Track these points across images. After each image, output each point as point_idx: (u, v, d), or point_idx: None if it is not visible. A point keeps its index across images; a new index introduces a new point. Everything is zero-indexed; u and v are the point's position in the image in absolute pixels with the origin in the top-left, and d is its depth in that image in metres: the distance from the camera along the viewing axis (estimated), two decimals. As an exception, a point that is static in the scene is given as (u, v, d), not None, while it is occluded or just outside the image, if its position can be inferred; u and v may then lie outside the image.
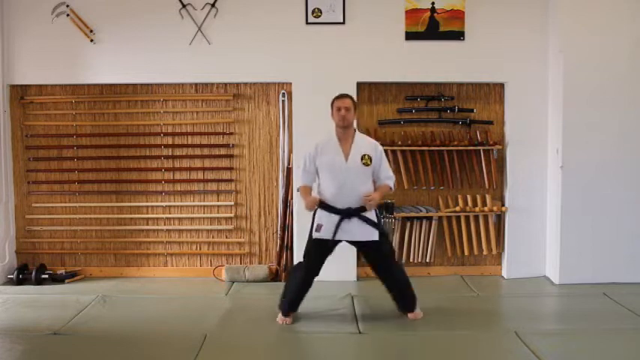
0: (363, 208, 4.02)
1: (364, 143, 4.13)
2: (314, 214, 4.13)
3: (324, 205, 4.06)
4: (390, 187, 4.22)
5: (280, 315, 4.20)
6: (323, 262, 4.16)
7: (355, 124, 4.25)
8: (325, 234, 4.03)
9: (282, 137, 5.27)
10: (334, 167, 4.04)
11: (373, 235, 4.05)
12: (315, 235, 4.09)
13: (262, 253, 5.41)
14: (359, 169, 4.04)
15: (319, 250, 4.11)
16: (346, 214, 4.01)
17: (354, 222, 4.02)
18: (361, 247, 4.16)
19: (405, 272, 4.27)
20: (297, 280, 4.21)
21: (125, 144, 5.33)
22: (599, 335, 3.90)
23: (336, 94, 4.16)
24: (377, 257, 4.18)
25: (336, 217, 4.01)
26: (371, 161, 4.05)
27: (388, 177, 4.17)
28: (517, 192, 5.22)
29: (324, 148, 4.11)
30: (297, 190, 4.35)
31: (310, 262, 4.16)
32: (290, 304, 4.20)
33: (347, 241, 4.10)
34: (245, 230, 5.39)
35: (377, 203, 4.08)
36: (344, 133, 4.10)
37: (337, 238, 4.03)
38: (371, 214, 4.07)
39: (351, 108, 4.08)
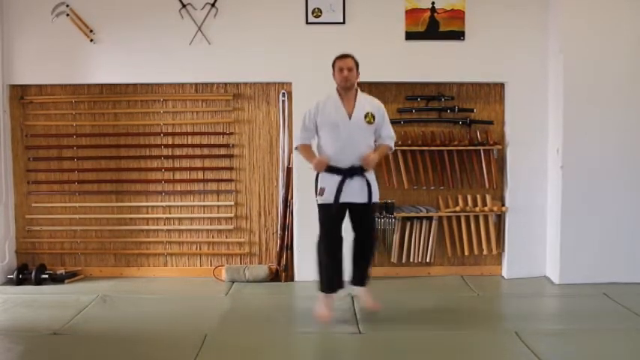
0: (364, 168, 4.02)
1: (367, 102, 4.11)
2: (317, 177, 4.11)
3: (327, 167, 4.03)
4: (390, 147, 4.21)
5: (320, 306, 4.11)
6: (340, 226, 4.10)
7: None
8: (328, 198, 4.01)
9: (282, 137, 5.27)
10: (337, 125, 4.01)
11: (371, 196, 4.04)
12: (319, 200, 4.08)
13: (262, 253, 5.40)
14: (362, 127, 4.01)
15: (329, 214, 4.06)
16: (348, 173, 3.99)
17: (356, 182, 4.01)
18: (353, 206, 4.09)
19: (374, 245, 4.26)
20: (323, 253, 4.11)
21: (125, 144, 5.33)
22: (599, 335, 3.90)
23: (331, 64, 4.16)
24: (362, 217, 4.12)
25: (337, 179, 3.99)
26: (374, 119, 4.04)
27: (389, 136, 4.16)
28: (517, 192, 5.22)
29: (326, 107, 4.08)
30: (296, 149, 4.25)
31: (327, 229, 4.08)
32: (329, 282, 4.11)
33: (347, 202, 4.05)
34: (245, 230, 5.39)
35: (375, 163, 4.06)
36: (346, 93, 4.07)
37: (340, 200, 3.98)
38: (371, 175, 4.06)
39: (354, 68, 4.05)
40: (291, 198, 5.21)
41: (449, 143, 5.19)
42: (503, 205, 5.27)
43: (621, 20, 4.93)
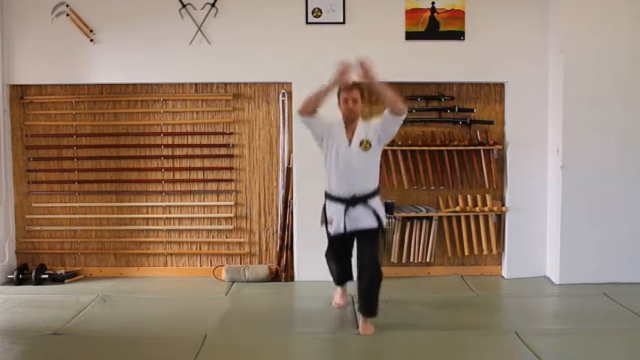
0: (367, 197, 3.97)
1: (367, 127, 4.02)
2: (324, 206, 4.11)
3: (329, 196, 4.04)
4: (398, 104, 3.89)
5: (335, 295, 4.49)
6: (349, 248, 4.28)
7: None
8: (337, 228, 4.00)
9: (282, 137, 5.27)
10: (338, 153, 3.97)
11: (375, 222, 3.98)
12: (329, 230, 4.09)
13: (262, 253, 5.40)
14: (360, 156, 3.96)
15: (336, 242, 4.18)
16: (350, 202, 3.96)
17: (359, 209, 3.97)
18: (359, 233, 4.05)
19: (379, 273, 4.02)
20: (333, 265, 4.41)
21: (125, 144, 5.33)
22: (599, 335, 3.90)
23: (335, 93, 4.10)
24: (366, 244, 4.06)
25: (342, 207, 3.97)
26: (370, 145, 3.95)
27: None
28: (517, 192, 5.22)
29: (333, 131, 4.03)
30: (299, 112, 4.03)
31: (334, 253, 4.32)
32: (338, 279, 4.47)
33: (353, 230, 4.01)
34: (245, 230, 5.39)
35: (372, 73, 3.85)
36: (350, 123, 4.02)
37: (348, 229, 3.96)
38: (376, 202, 4.01)
39: (359, 99, 3.99)
40: (291, 198, 5.21)
41: (449, 143, 5.19)
42: (503, 205, 5.27)
43: (621, 20, 4.93)
